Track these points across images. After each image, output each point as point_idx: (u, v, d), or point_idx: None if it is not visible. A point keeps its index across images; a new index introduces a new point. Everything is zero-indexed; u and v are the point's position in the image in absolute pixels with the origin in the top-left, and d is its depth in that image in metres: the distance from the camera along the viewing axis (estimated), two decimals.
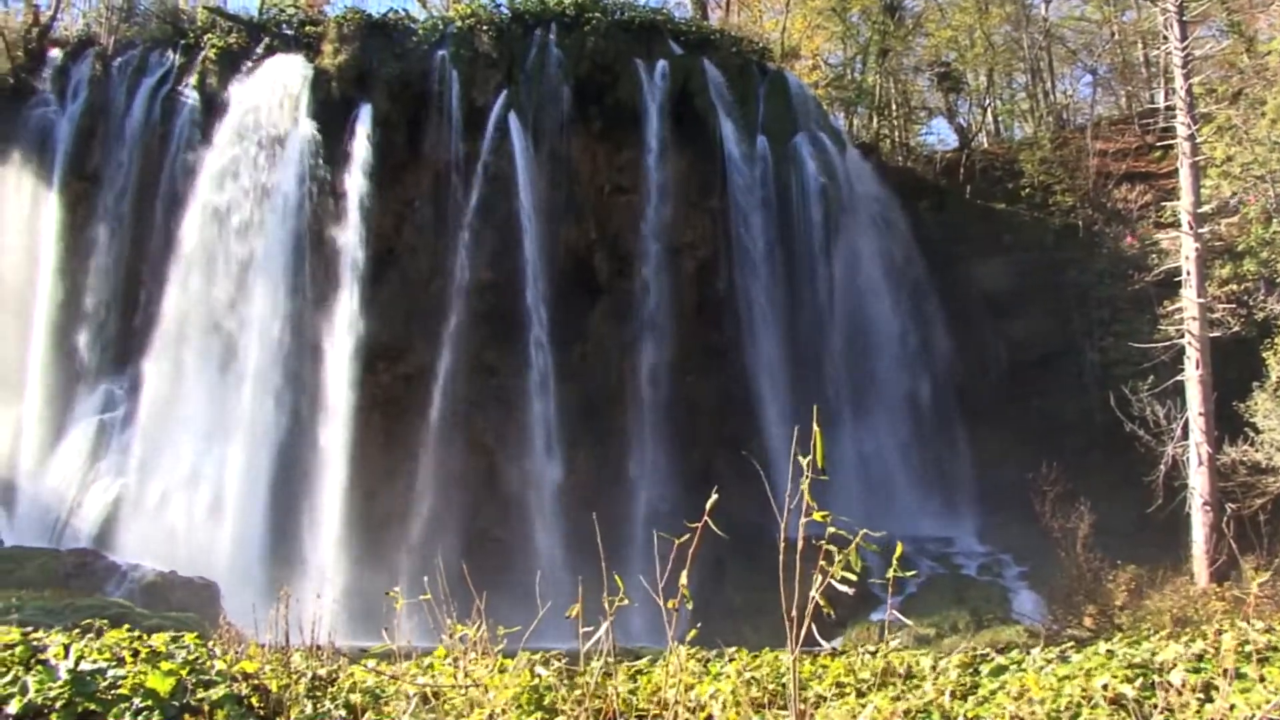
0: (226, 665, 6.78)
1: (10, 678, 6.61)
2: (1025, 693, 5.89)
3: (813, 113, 44.23)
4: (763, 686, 6.38)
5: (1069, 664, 7.13)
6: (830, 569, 4.31)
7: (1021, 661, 7.83)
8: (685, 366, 38.02)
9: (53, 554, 31.12)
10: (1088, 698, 5.82)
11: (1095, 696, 5.80)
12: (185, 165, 40.49)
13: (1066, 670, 6.64)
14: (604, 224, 40.66)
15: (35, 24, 46.95)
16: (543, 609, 5.93)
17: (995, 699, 6.15)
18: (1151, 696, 5.67)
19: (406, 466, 36.35)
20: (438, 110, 40.47)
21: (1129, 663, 6.54)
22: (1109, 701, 5.74)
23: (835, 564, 4.27)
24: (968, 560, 35.92)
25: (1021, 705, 5.76)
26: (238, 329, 38.27)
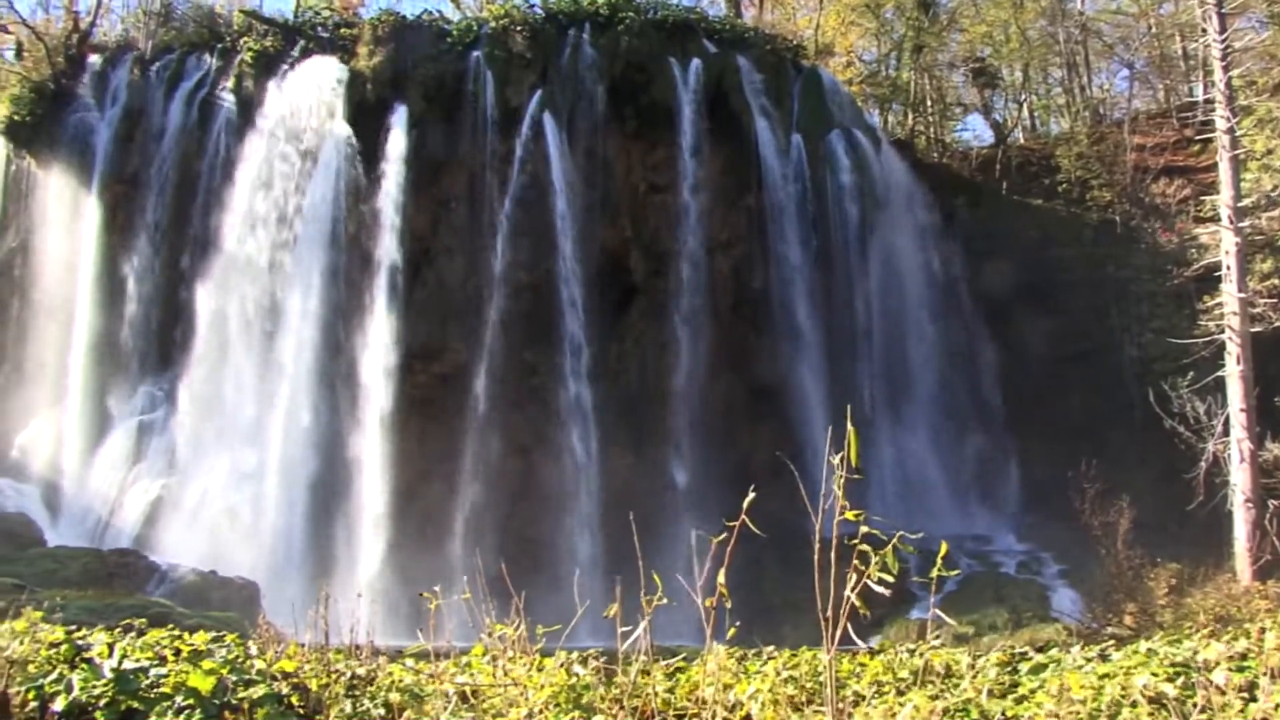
0: (266, 664, 6.82)
1: (56, 675, 6.68)
2: (1065, 691, 5.85)
3: (847, 110, 44.11)
4: (801, 685, 6.37)
5: (1109, 662, 7.08)
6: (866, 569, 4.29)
7: (1061, 660, 7.77)
8: (721, 365, 37.96)
9: (95, 554, 31.37)
10: (1128, 696, 5.77)
11: (1136, 695, 5.75)
12: (222, 168, 40.76)
13: (1107, 669, 6.59)
14: (639, 223, 40.64)
15: (75, 30, 47.41)
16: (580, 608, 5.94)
17: (1035, 697, 6.12)
18: (1193, 696, 5.62)
19: (444, 466, 36.45)
20: (473, 111, 40.54)
21: (1170, 661, 6.49)
22: (1150, 700, 5.69)
23: (872, 565, 4.25)
24: (1006, 558, 35.71)
25: (1061, 704, 5.71)
26: (275, 330, 38.50)
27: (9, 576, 24.51)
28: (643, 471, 35.91)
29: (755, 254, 40.42)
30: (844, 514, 4.29)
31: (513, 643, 5.84)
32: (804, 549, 16.79)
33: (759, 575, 30.16)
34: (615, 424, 37.22)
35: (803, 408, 37.03)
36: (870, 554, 4.32)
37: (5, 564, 27.73)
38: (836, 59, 54.49)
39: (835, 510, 4.36)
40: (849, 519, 4.39)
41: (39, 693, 6.57)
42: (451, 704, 5.90)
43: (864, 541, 4.32)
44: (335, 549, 34.69)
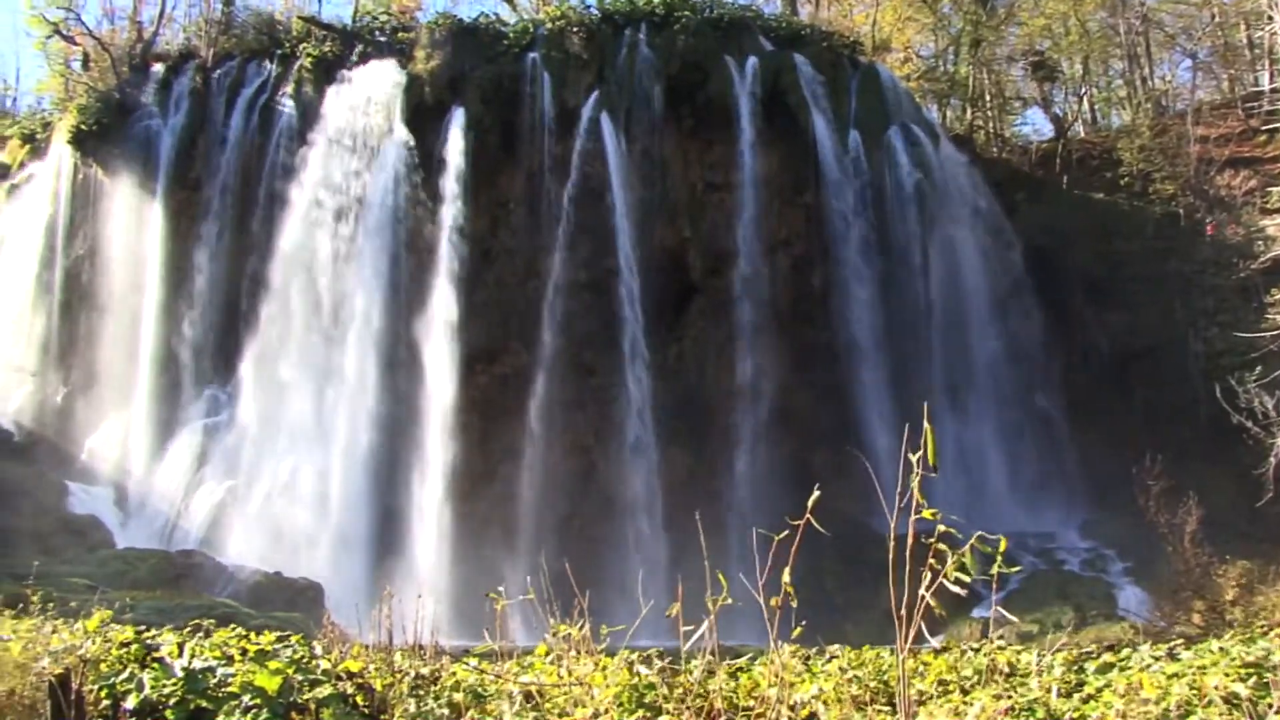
0: (331, 664, 6.88)
1: (127, 675, 6.78)
2: (1134, 690, 5.78)
3: (905, 106, 43.82)
4: (864, 684, 6.35)
5: (1179, 661, 7.00)
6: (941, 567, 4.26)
7: (1128, 659, 7.70)
8: (782, 363, 37.80)
9: (163, 555, 31.79)
10: (1200, 696, 5.70)
11: (1208, 695, 5.68)
12: (283, 173, 41.14)
13: (1176, 668, 6.51)
14: (697, 222, 40.58)
15: (139, 40, 48.15)
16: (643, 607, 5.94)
17: (1102, 696, 6.05)
18: (1266, 696, 5.54)
19: (505, 467, 36.59)
20: (530, 112, 40.68)
21: (1242, 661, 6.40)
22: (1222, 700, 5.61)
23: (949, 564, 4.22)
24: (1070, 556, 35.31)
25: (1130, 703, 5.65)
26: (337, 333, 38.80)
27: (81, 577, 24.89)
28: (703, 471, 35.88)
29: (814, 252, 40.26)
30: (919, 512, 4.26)
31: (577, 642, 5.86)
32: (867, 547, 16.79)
33: (821, 574, 30.04)
34: (675, 423, 37.19)
35: (863, 406, 36.82)
36: (947, 552, 4.30)
37: (77, 565, 28.16)
38: (894, 55, 54.19)
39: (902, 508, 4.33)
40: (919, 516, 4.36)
41: (111, 691, 6.67)
42: (516, 704, 5.93)
43: (941, 540, 4.29)
44: (397, 550, 34.87)
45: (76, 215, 44.49)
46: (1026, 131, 58.63)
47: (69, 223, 44.51)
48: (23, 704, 7.19)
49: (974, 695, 6.04)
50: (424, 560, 34.54)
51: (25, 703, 7.18)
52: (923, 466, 4.28)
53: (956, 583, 4.25)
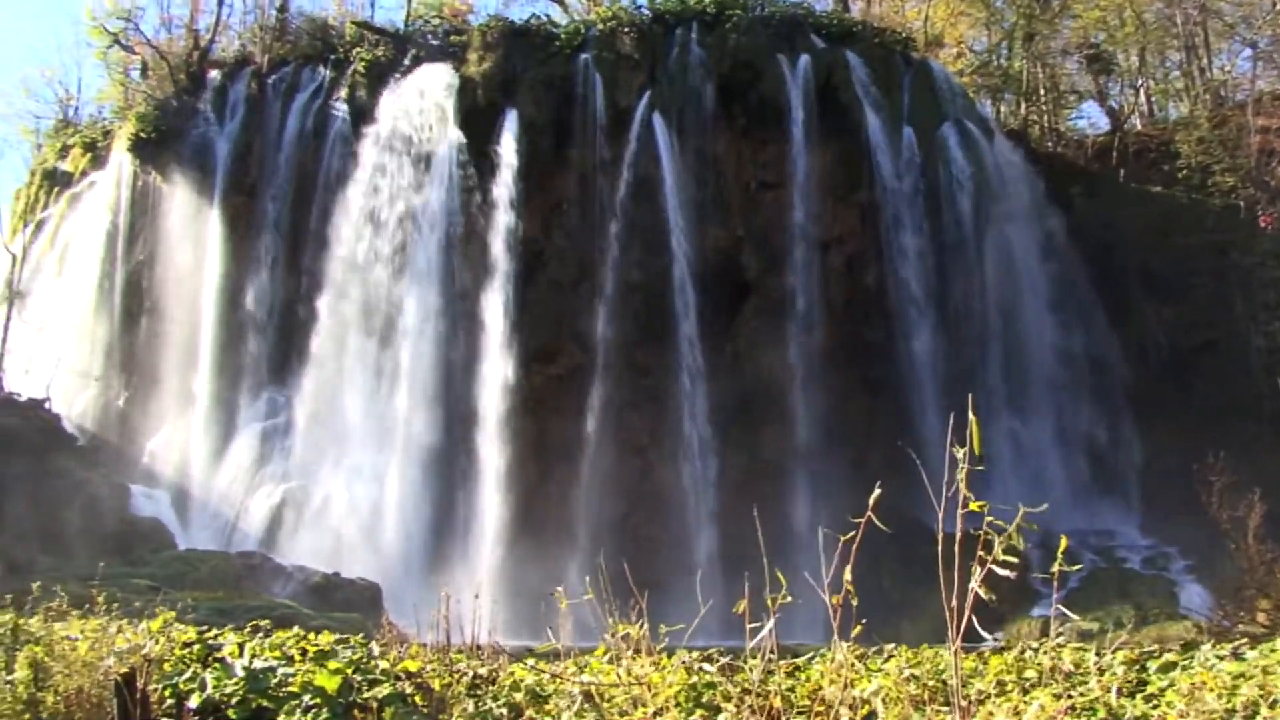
0: (390, 664, 6.94)
1: (190, 674, 6.88)
2: (1198, 690, 5.72)
3: (959, 101, 43.52)
4: (922, 683, 6.32)
5: (1243, 661, 6.91)
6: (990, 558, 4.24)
7: (1191, 658, 7.61)
8: (837, 361, 37.65)
9: (223, 556, 32.15)
10: (1266, 696, 5.63)
11: (1275, 696, 5.60)
12: (338, 177, 41.49)
13: (1241, 668, 6.43)
14: (751, 221, 40.49)
15: (195, 48, 48.72)
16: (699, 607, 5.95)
17: (1165, 697, 5.99)
18: None
19: (561, 467, 36.68)
20: (582, 113, 40.74)
21: None
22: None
23: (996, 548, 4.20)
24: (1130, 553, 34.93)
25: (1194, 704, 5.58)
26: (392, 335, 39.10)
27: (144, 578, 25.20)
28: (759, 469, 35.79)
29: (869, 249, 40.06)
30: (968, 506, 4.24)
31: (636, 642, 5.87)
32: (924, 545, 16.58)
33: (878, 572, 29.88)
34: (731, 422, 37.14)
35: (919, 402, 36.60)
36: (994, 544, 4.28)
37: (140, 566, 28.52)
38: (946, 50, 53.78)
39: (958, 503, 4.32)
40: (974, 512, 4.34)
41: (175, 690, 6.77)
42: (576, 704, 5.95)
43: (988, 533, 4.28)
44: (454, 550, 35.07)
45: (136, 222, 45.09)
46: (1082, 125, 58.04)
47: (129, 229, 45.12)
48: (90, 702, 7.31)
49: (1033, 695, 6.00)
50: (480, 561, 34.70)
51: (93, 700, 7.31)
52: (970, 459, 4.26)
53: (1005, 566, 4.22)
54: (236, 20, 52.65)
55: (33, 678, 7.50)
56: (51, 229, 48.85)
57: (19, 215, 51.18)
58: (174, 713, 6.82)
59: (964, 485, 4.19)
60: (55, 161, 52.58)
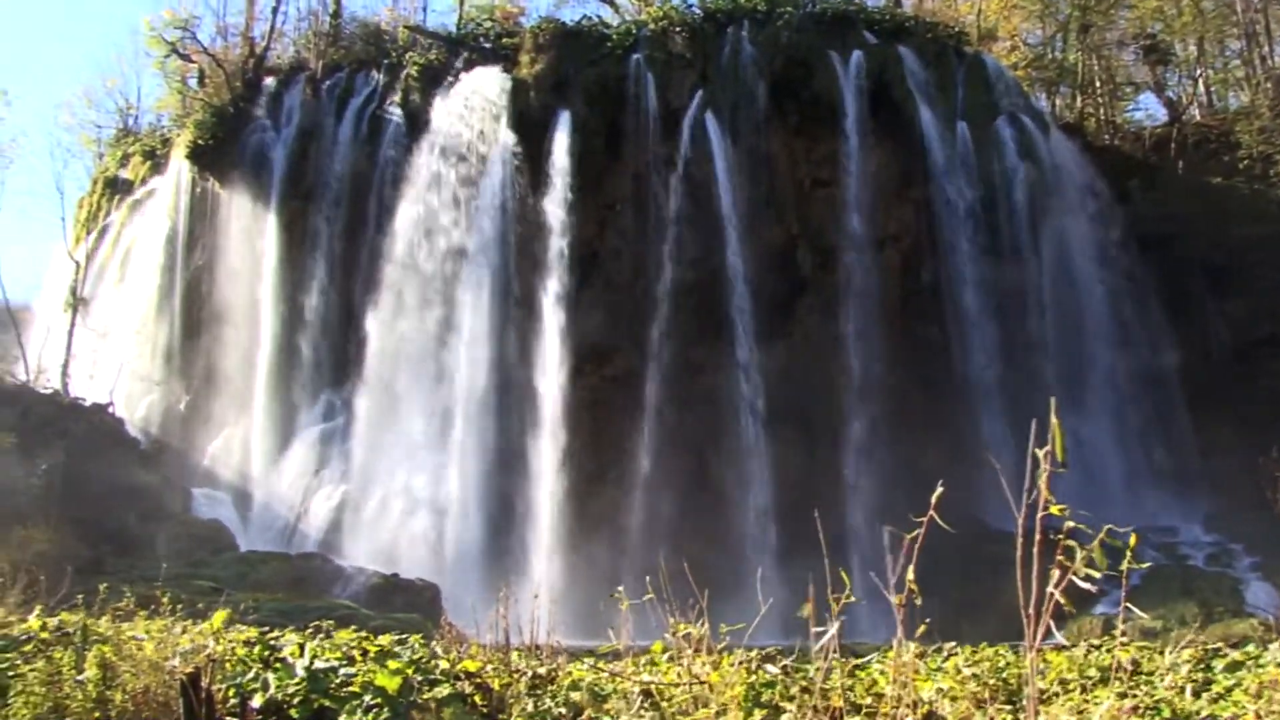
0: (450, 664, 6.99)
1: (252, 674, 6.96)
2: (1267, 689, 5.65)
3: (1013, 95, 43.19)
4: (983, 682, 6.29)
5: None
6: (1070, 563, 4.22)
7: (1259, 657, 7.52)
8: (893, 359, 37.45)
9: (284, 558, 32.46)
10: None
11: None
12: (392, 180, 41.77)
13: None
14: (805, 219, 40.37)
15: (251, 55, 49.22)
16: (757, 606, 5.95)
17: (1232, 696, 5.93)
18: None
19: (618, 467, 36.72)
20: (635, 113, 40.77)
21: None
22: None
23: (1078, 559, 4.17)
24: (1194, 550, 34.45)
25: (1263, 703, 5.51)
26: (448, 337, 39.27)
27: (206, 579, 25.50)
28: (815, 468, 35.66)
29: (924, 246, 39.85)
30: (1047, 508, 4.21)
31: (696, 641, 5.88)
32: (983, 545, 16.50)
33: (937, 571, 29.65)
34: (786, 421, 37.02)
35: (976, 401, 36.37)
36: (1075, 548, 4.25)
37: (202, 568, 28.86)
38: (1000, 44, 53.33)
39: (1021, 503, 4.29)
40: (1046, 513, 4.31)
41: (239, 689, 6.86)
42: (636, 704, 5.97)
43: (1069, 536, 4.25)
44: (512, 550, 35.20)
45: (195, 228, 45.64)
46: (1139, 117, 57.37)
47: (188, 235, 45.68)
48: (157, 701, 7.42)
49: (1096, 693, 5.95)
50: (538, 561, 34.81)
51: (159, 700, 7.41)
52: (1051, 462, 4.24)
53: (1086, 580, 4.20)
54: (291, 27, 53.27)
55: (102, 677, 7.62)
56: (113, 236, 49.59)
57: (82, 223, 51.95)
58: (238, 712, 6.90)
59: (1044, 489, 4.16)
60: (116, 170, 53.39)
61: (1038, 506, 4.18)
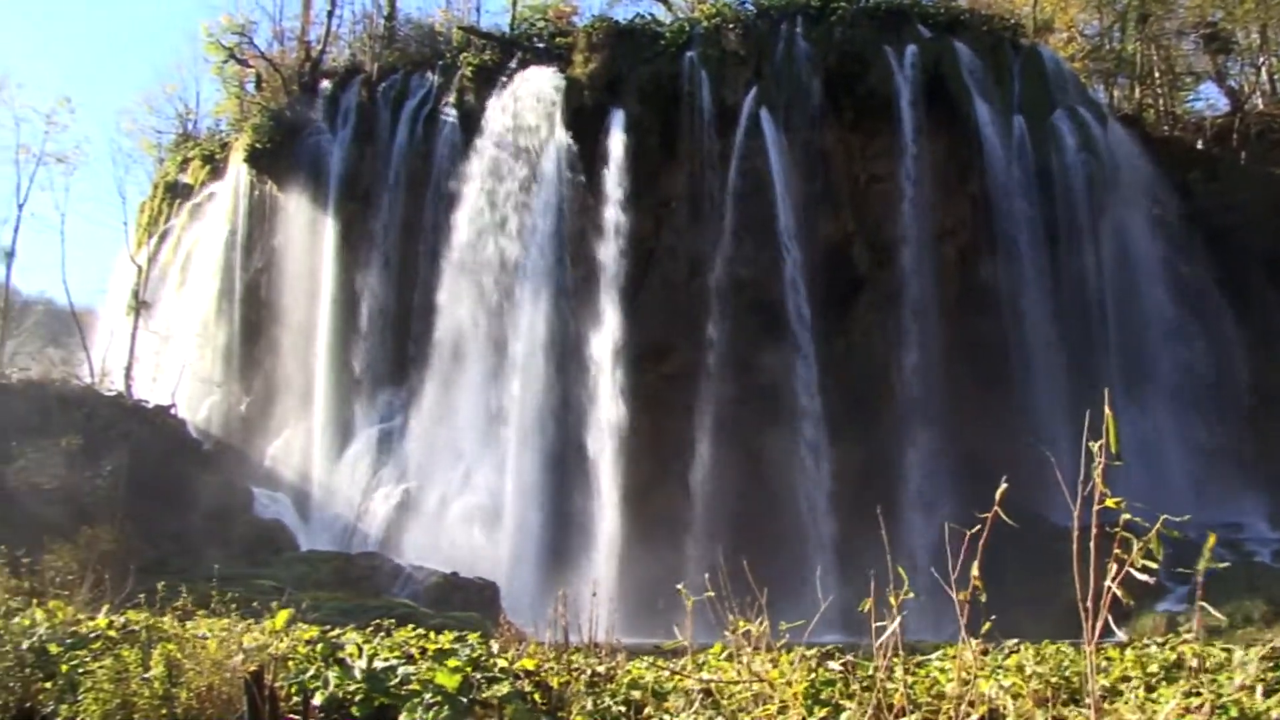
0: (509, 663, 7.02)
1: (313, 672, 7.02)
2: None
3: (1070, 87, 42.76)
4: (1045, 680, 6.23)
5: None
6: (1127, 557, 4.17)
7: None
8: (951, 354, 37.16)
9: (344, 557, 32.72)
10: None
11: None
12: (448, 181, 41.96)
13: None
14: (861, 214, 40.18)
15: (307, 59, 49.66)
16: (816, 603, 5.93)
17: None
18: None
19: (675, 465, 36.68)
20: (689, 111, 40.72)
21: None
22: None
23: (1135, 552, 4.12)
24: (1260, 547, 33.94)
25: None
26: (505, 336, 39.43)
27: (268, 579, 25.73)
28: (873, 464, 35.47)
29: (981, 241, 39.52)
30: (1102, 503, 4.17)
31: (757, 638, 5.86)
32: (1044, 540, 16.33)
33: (997, 566, 29.40)
34: (844, 417, 36.86)
35: (1035, 396, 36.02)
36: (1132, 542, 4.20)
37: (264, 568, 29.12)
38: (1057, 35, 52.82)
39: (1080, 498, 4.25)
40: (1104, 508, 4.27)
41: (301, 687, 6.92)
42: (696, 701, 5.96)
43: (1126, 530, 4.20)
44: (570, 548, 35.25)
45: (254, 231, 46.08)
46: (1200, 107, 56.54)
47: (247, 238, 46.13)
48: (221, 698, 7.51)
49: (1161, 692, 5.88)
50: (596, 559, 34.87)
51: (223, 697, 7.50)
52: (1106, 456, 4.19)
53: (1143, 571, 4.15)
54: (346, 30, 53.66)
55: (167, 675, 7.72)
56: (174, 240, 50.16)
57: (144, 227, 52.60)
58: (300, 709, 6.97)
59: (1099, 482, 4.12)
60: (176, 174, 53.99)
61: (1094, 500, 4.14)
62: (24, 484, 31.48)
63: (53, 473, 32.16)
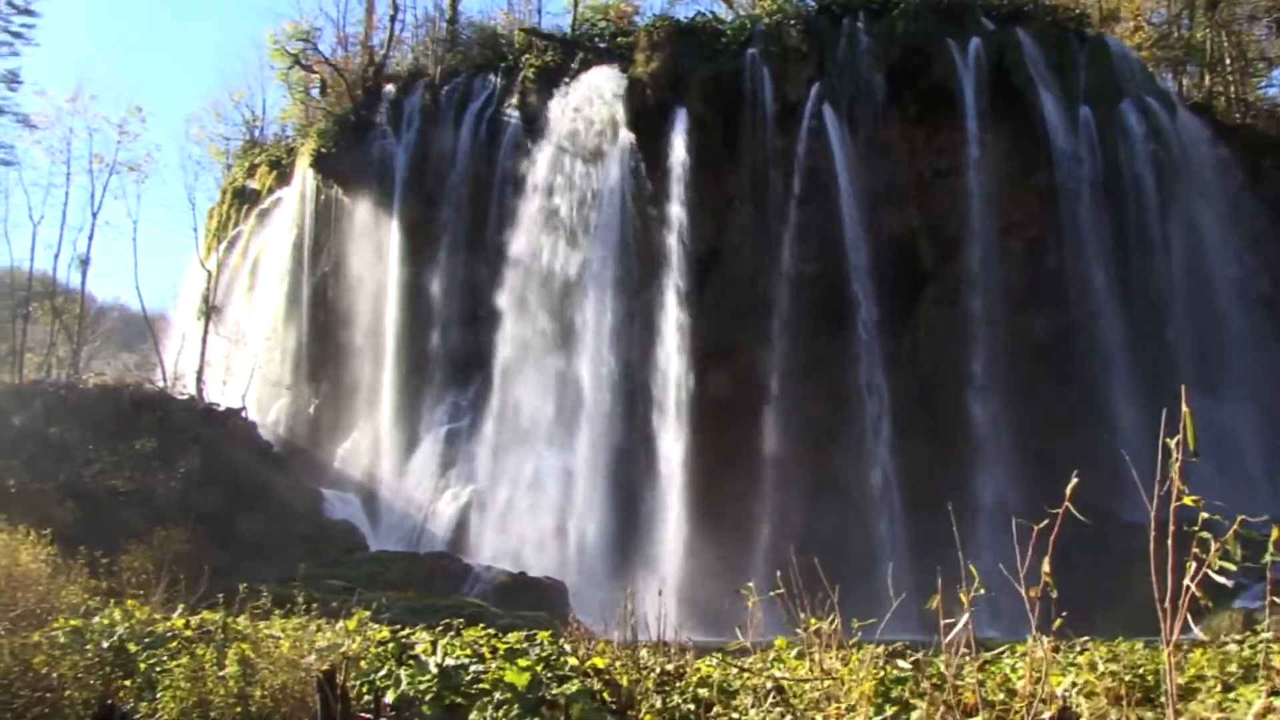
0: (578, 661, 7.04)
1: (385, 671, 7.10)
2: None
3: (1138, 76, 42.18)
4: (1118, 678, 6.16)
5: None
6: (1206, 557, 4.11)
7: None
8: (1018, 349, 36.80)
9: (413, 557, 32.94)
10: None
11: None
12: (512, 182, 42.14)
13: None
14: (926, 209, 39.86)
15: (371, 64, 50.09)
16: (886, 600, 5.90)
17: None
18: None
19: (742, 462, 36.58)
20: (751, 108, 40.62)
21: None
22: None
23: (1213, 552, 4.07)
24: None
25: None
26: (571, 336, 39.51)
27: (338, 579, 25.96)
28: (941, 461, 35.18)
29: (1048, 233, 39.07)
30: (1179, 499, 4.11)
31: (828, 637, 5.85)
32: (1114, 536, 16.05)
33: (1067, 563, 29.07)
34: (911, 414, 36.61)
35: (1105, 391, 35.55)
36: (1210, 541, 4.14)
37: (334, 568, 29.41)
38: (1123, 24, 52.14)
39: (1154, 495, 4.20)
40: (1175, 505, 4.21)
41: (372, 686, 7.00)
42: (767, 699, 5.95)
43: (1204, 527, 4.14)
44: (638, 548, 35.27)
45: (320, 235, 46.52)
46: (1272, 94, 55.61)
47: (314, 242, 46.57)
48: (294, 697, 7.61)
49: (1240, 691, 5.79)
50: (664, 557, 34.87)
51: (296, 696, 7.60)
52: (1183, 452, 4.14)
53: (1221, 572, 4.09)
54: (409, 34, 54.09)
55: (242, 673, 7.84)
56: (242, 245, 50.76)
57: (213, 233, 53.25)
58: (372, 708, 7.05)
59: (1177, 479, 4.07)
60: (244, 180, 54.61)
61: (1170, 497, 4.08)
62: (101, 486, 32.02)
63: (128, 475, 32.70)
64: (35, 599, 11.11)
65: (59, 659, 8.31)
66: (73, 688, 8.14)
